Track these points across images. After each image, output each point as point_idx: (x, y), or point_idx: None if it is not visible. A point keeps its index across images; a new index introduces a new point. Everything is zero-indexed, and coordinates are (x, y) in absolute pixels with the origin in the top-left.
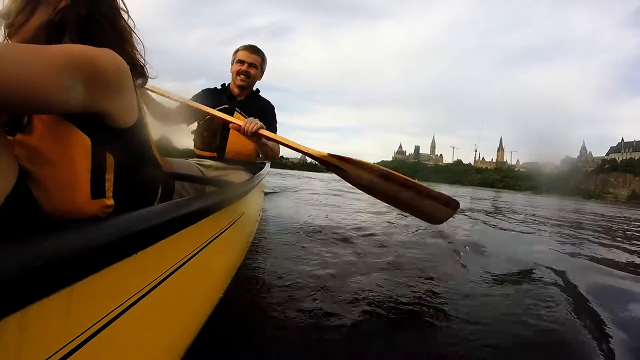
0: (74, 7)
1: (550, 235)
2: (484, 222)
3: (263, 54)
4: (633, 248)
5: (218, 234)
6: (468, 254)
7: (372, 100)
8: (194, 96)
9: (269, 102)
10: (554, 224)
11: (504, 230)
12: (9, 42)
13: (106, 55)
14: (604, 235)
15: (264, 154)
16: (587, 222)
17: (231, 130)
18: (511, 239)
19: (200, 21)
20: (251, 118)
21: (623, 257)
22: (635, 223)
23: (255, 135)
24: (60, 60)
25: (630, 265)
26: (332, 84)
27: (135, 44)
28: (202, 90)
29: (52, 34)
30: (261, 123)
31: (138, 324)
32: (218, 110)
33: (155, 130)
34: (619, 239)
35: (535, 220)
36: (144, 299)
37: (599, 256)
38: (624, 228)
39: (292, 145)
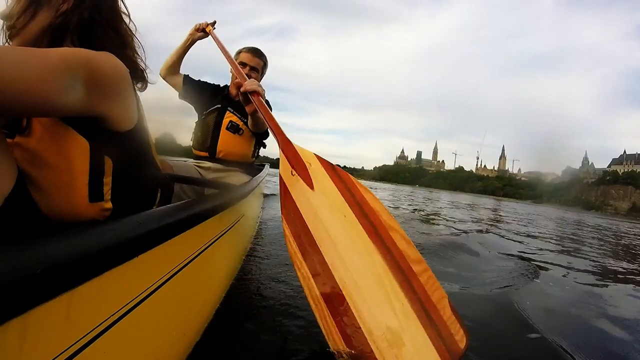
0: (77, 10)
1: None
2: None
3: (265, 57)
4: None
5: (218, 236)
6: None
7: (375, 103)
8: (196, 80)
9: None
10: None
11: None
12: (10, 43)
13: (106, 59)
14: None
15: (254, 121)
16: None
17: (222, 130)
18: None
19: (205, 19)
20: (255, 81)
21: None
22: None
23: (249, 96)
24: (59, 63)
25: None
26: (335, 86)
27: (136, 48)
28: (207, 82)
29: (53, 36)
30: (262, 88)
31: (139, 327)
32: (211, 110)
33: (159, 127)
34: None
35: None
36: (145, 303)
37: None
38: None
39: (278, 133)
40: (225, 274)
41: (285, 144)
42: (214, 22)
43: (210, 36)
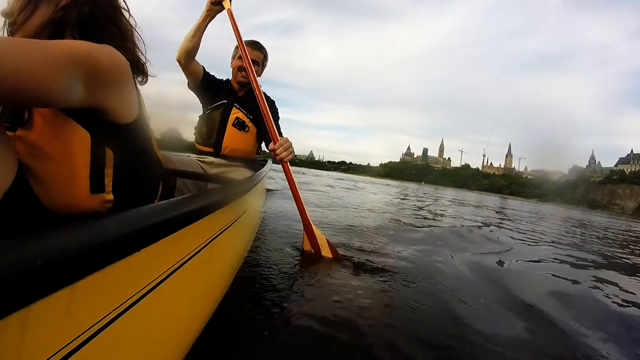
0: (76, 5)
1: None
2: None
3: (266, 51)
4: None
5: (220, 231)
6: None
7: (381, 101)
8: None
9: (269, 98)
10: None
11: None
12: None
13: (106, 52)
14: None
15: None
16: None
17: (228, 127)
18: None
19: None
20: (288, 143)
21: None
22: None
23: (280, 163)
24: (61, 55)
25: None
26: (340, 83)
27: (137, 42)
28: (214, 76)
29: (53, 31)
30: (293, 154)
31: (140, 323)
32: (216, 105)
33: (164, 122)
34: None
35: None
36: (146, 298)
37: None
38: None
39: (299, 202)
40: (227, 269)
41: (308, 225)
42: None
43: (225, 10)
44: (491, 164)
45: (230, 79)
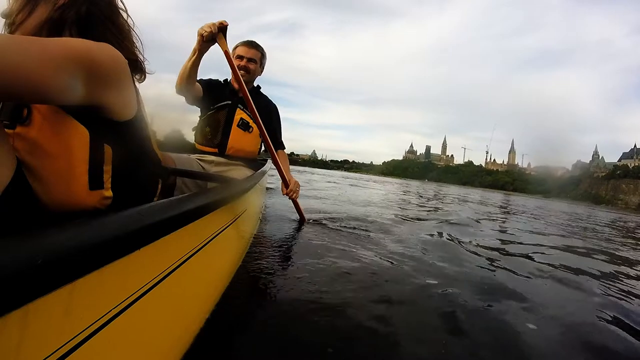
0: (74, 4)
1: None
2: None
3: (262, 49)
4: None
5: (220, 230)
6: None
7: (383, 99)
8: (206, 81)
9: (271, 101)
10: None
11: None
12: None
13: (104, 49)
14: None
15: None
16: None
17: (234, 127)
18: None
19: (212, 17)
20: (297, 185)
21: None
22: None
23: (291, 199)
24: (59, 52)
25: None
26: (343, 81)
27: (134, 41)
28: (209, 79)
29: (52, 30)
30: (299, 191)
31: (139, 321)
32: (220, 106)
33: (167, 122)
34: None
35: None
36: (146, 296)
37: None
38: None
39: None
40: (227, 268)
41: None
42: (225, 27)
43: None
44: (494, 160)
45: (229, 79)
